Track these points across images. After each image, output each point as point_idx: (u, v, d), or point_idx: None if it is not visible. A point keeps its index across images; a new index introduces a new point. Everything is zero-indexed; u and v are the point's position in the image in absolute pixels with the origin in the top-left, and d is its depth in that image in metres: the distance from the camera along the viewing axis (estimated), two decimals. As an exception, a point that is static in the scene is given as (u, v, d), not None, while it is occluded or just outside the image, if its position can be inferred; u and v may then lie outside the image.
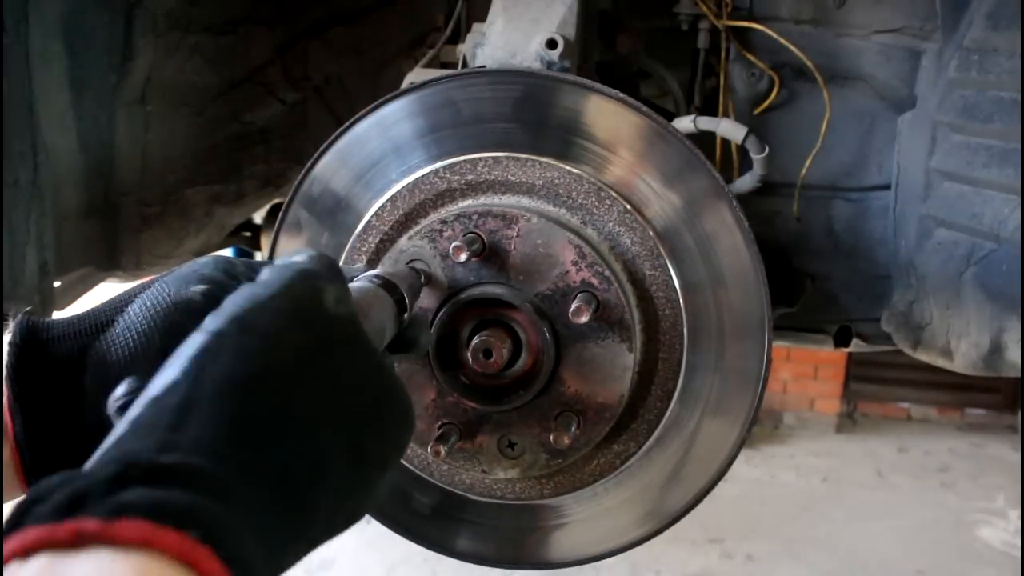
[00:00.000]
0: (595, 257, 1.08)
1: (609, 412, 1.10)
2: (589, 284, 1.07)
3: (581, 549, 1.22)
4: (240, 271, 0.83)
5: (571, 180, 1.13)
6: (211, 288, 0.79)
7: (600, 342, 1.08)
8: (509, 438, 1.11)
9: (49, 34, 1.47)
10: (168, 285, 0.79)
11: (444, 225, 1.10)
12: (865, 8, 1.60)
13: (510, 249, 1.08)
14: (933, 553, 5.33)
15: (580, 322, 1.05)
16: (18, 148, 1.39)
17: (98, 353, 0.76)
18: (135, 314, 0.77)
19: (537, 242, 1.08)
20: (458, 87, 1.16)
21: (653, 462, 1.17)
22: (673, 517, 1.19)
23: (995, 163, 1.39)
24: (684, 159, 1.12)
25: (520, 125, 1.15)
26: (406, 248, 1.11)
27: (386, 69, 2.43)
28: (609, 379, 1.09)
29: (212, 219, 1.95)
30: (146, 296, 0.79)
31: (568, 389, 1.10)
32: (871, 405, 7.28)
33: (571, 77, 1.15)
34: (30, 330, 0.76)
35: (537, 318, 1.07)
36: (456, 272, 1.10)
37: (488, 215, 1.09)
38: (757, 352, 1.13)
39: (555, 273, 1.08)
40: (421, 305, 1.09)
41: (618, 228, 1.13)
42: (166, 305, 0.77)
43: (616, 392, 1.09)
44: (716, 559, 5.20)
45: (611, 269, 1.09)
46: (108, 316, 0.78)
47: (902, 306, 1.61)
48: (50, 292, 1.50)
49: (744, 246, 1.12)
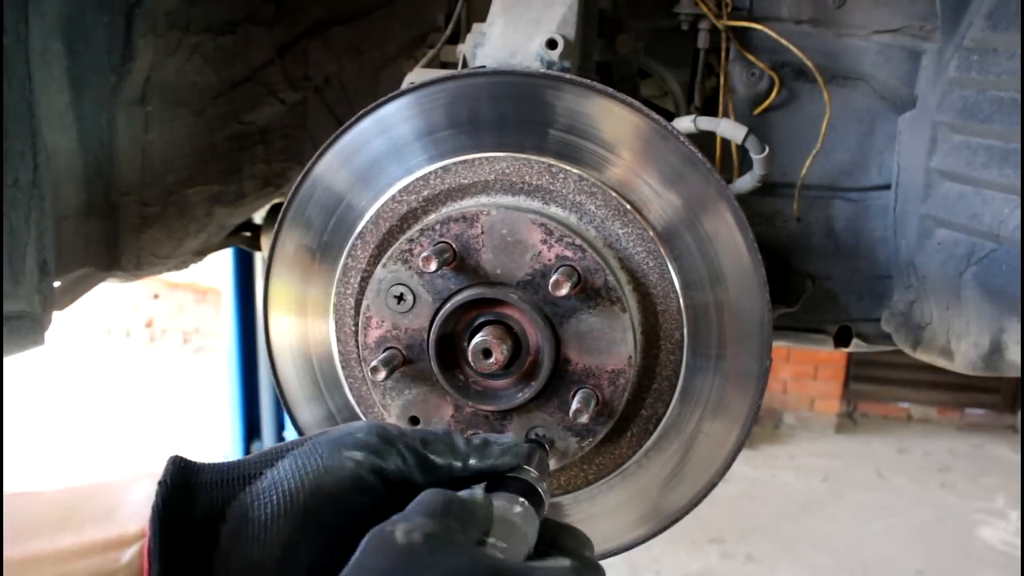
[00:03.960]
0: (562, 230, 1.08)
1: (623, 377, 1.09)
2: (564, 257, 1.08)
3: (581, 549, 1.22)
4: (395, 436, 0.83)
5: (521, 164, 1.14)
6: (365, 456, 0.79)
7: (592, 310, 1.08)
8: (536, 431, 1.12)
9: (49, 34, 1.47)
10: (321, 447, 0.80)
11: (412, 243, 1.11)
12: (865, 8, 1.60)
13: (479, 247, 1.09)
14: (933, 553, 5.33)
15: (562, 294, 1.05)
16: (18, 148, 1.39)
17: (241, 505, 0.75)
18: (284, 472, 0.78)
19: (503, 232, 1.08)
20: (456, 88, 1.17)
21: (653, 462, 1.17)
22: (673, 517, 1.19)
23: (995, 163, 1.39)
24: (684, 159, 1.12)
25: (514, 125, 1.15)
26: (384, 276, 1.12)
27: (386, 69, 2.43)
28: (612, 344, 1.09)
29: (212, 219, 1.95)
30: (298, 454, 0.79)
31: (576, 366, 1.10)
32: (871, 405, 7.29)
33: (571, 77, 1.15)
34: (181, 472, 0.76)
35: (525, 306, 1.07)
36: (437, 285, 1.10)
37: (449, 221, 1.10)
38: (757, 352, 1.13)
39: (528, 257, 1.08)
40: (411, 327, 1.11)
41: (617, 227, 1.13)
42: (316, 468, 0.77)
43: (623, 355, 1.09)
44: (716, 559, 5.20)
45: (582, 238, 1.09)
46: (257, 469, 0.79)
47: (902, 306, 1.61)
48: (50, 292, 1.50)
49: (744, 246, 1.12)
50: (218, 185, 1.93)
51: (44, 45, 1.46)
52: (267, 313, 1.26)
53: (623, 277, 1.11)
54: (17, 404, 6.65)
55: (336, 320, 1.22)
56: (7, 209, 1.37)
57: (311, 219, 1.22)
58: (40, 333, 1.49)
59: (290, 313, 1.26)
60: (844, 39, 1.63)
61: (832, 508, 5.84)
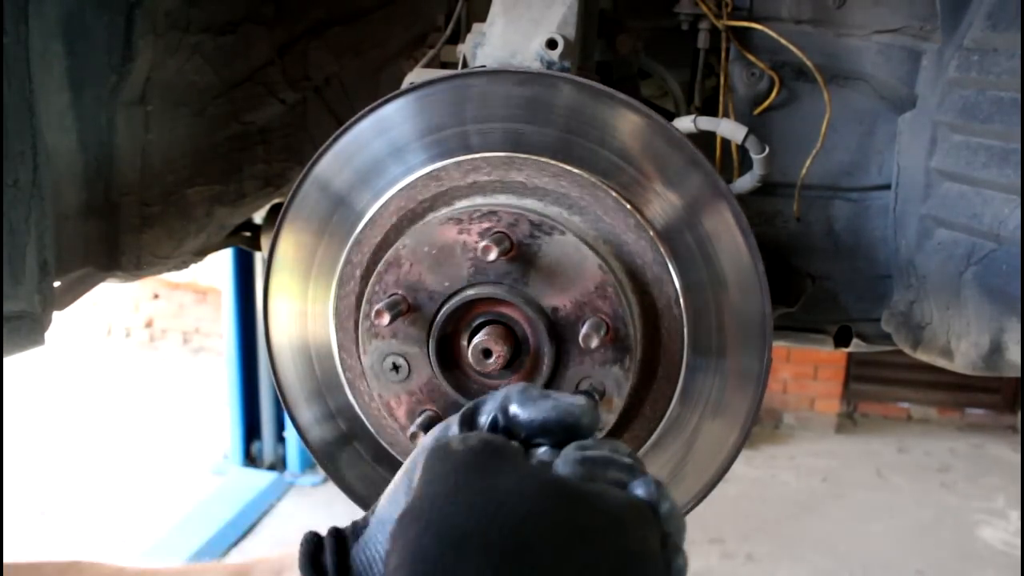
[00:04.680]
0: (617, 293, 1.08)
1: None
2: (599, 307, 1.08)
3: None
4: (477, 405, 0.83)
5: (520, 164, 1.15)
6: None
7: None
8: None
9: (49, 34, 1.47)
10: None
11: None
12: (865, 8, 1.60)
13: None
14: (933, 553, 5.33)
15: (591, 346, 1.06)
16: (18, 148, 1.39)
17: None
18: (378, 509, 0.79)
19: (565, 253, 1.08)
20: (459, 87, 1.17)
21: (653, 462, 1.17)
22: (673, 517, 1.19)
23: (995, 163, 1.39)
24: (684, 159, 1.12)
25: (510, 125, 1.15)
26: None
27: (386, 69, 2.43)
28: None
29: (212, 219, 1.95)
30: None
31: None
32: (871, 405, 7.29)
33: (572, 77, 1.15)
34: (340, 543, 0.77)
35: (526, 306, 1.08)
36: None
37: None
38: (757, 352, 1.13)
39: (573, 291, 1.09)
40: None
41: (617, 227, 1.13)
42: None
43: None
44: (716, 559, 5.20)
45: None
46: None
47: (902, 306, 1.61)
48: (50, 292, 1.50)
49: (744, 246, 1.12)
50: (218, 185, 1.93)
51: (44, 45, 1.46)
52: (267, 313, 1.26)
53: (623, 277, 1.11)
54: (17, 404, 6.65)
55: (336, 320, 1.22)
56: (7, 209, 1.37)
57: (311, 219, 1.22)
58: (40, 333, 1.49)
59: (290, 313, 1.26)
60: (844, 39, 1.62)
61: (832, 508, 5.84)
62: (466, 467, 0.67)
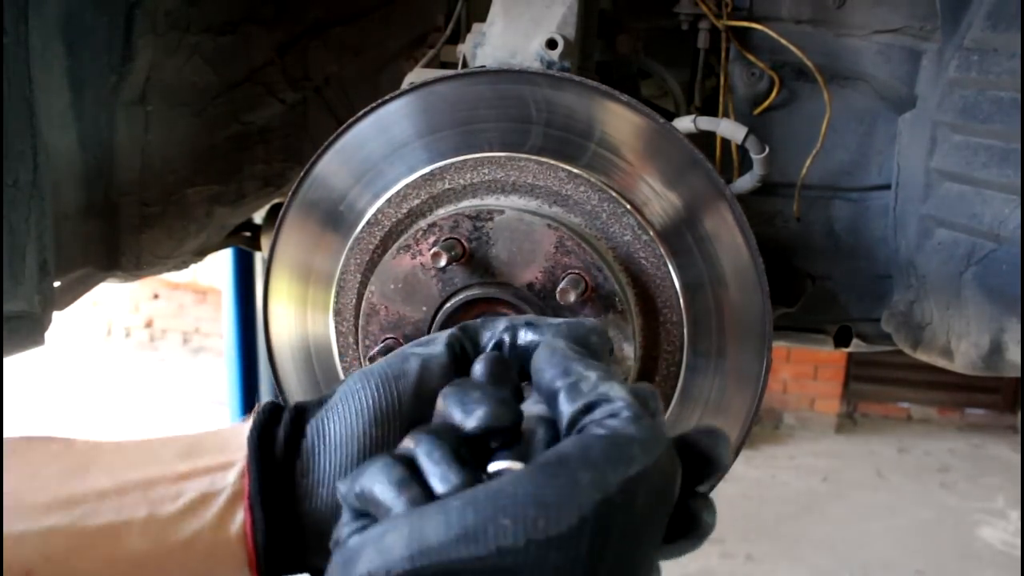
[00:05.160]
0: (568, 234, 1.08)
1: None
2: (568, 265, 1.08)
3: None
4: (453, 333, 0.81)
5: (520, 164, 1.14)
6: (423, 348, 0.79)
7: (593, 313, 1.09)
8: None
9: (49, 34, 1.47)
10: (385, 360, 0.80)
11: (419, 238, 1.11)
12: (865, 8, 1.60)
13: (488, 245, 1.09)
14: (933, 553, 5.33)
15: (570, 302, 1.05)
16: (18, 148, 1.39)
17: (317, 420, 0.77)
18: (351, 381, 0.79)
19: (506, 233, 1.09)
20: (458, 87, 1.17)
21: (653, 462, 1.17)
22: (673, 517, 1.19)
23: (995, 163, 1.39)
24: (684, 159, 1.12)
25: (510, 125, 1.15)
26: (389, 268, 1.12)
27: (386, 69, 2.43)
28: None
29: (212, 219, 1.95)
30: (364, 369, 0.80)
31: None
32: (871, 405, 7.29)
33: (572, 77, 1.15)
34: (275, 405, 0.79)
35: (527, 307, 1.08)
36: (443, 280, 1.11)
37: (459, 217, 1.10)
38: (757, 352, 1.13)
39: (538, 258, 1.08)
40: (413, 318, 1.11)
41: (617, 227, 1.13)
42: (381, 371, 0.78)
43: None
44: (716, 559, 5.20)
45: (582, 238, 1.09)
46: (333, 390, 0.80)
47: (902, 306, 1.61)
48: (50, 292, 1.50)
49: (744, 246, 1.12)
50: (218, 185, 1.93)
51: (44, 45, 1.46)
52: (267, 313, 1.26)
53: (623, 278, 1.11)
54: (17, 404, 6.65)
55: (336, 320, 1.22)
56: (7, 209, 1.37)
57: (311, 219, 1.22)
58: (40, 333, 1.49)
59: (290, 313, 1.26)
60: (844, 39, 1.62)
61: (832, 508, 5.84)
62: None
